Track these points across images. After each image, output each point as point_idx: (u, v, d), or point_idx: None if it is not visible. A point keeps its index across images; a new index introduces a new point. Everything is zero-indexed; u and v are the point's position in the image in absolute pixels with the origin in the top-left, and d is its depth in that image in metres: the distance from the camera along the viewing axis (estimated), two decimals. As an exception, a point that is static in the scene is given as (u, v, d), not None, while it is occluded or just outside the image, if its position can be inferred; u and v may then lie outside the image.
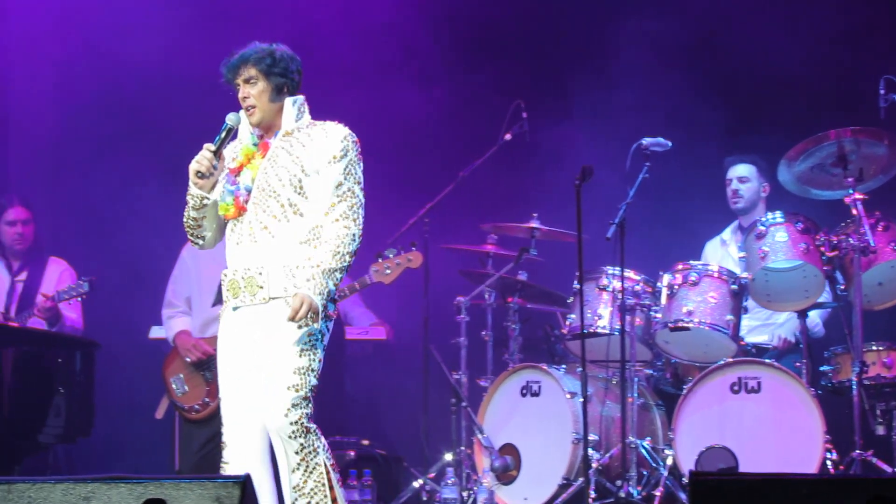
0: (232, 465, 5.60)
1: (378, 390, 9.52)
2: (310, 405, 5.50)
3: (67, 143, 9.93)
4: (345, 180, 5.59)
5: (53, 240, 9.18)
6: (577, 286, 7.70)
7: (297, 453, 5.50)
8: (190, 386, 7.46)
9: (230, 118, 5.63)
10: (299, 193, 5.56)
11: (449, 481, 7.82)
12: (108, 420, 8.53)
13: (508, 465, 7.77)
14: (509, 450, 7.82)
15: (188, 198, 5.70)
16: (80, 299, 8.23)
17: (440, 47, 9.77)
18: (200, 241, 5.84)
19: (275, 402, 5.49)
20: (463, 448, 8.03)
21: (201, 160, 5.59)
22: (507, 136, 8.44)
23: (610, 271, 7.76)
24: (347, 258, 5.55)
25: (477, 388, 8.14)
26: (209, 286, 7.47)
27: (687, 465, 7.34)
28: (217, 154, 5.60)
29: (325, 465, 5.55)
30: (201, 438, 7.49)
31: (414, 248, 7.17)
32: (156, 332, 8.62)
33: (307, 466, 5.52)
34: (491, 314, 8.23)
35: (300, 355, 5.50)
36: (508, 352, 8.18)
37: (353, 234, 5.56)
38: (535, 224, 8.15)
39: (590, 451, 7.47)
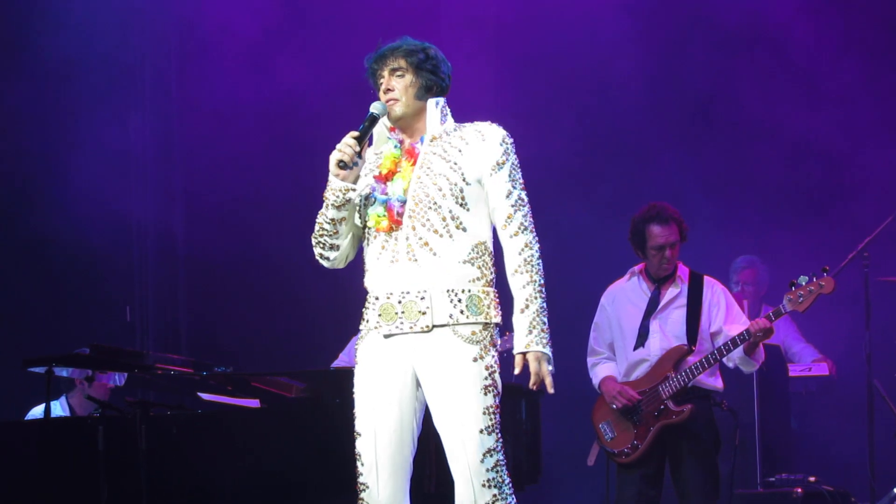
0: None
1: (823, 426, 9.44)
2: (503, 451, 4.97)
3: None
4: (513, 188, 5.04)
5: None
6: None
7: None
8: (618, 430, 7.44)
9: (375, 107, 5.10)
10: (461, 205, 5.01)
11: (897, 514, 7.73)
12: (548, 467, 8.75)
13: (957, 497, 7.61)
14: (957, 481, 7.67)
15: (327, 194, 5.10)
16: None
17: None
18: (332, 254, 5.20)
19: (467, 447, 4.93)
20: (911, 481, 7.93)
21: (344, 148, 5.02)
22: (945, 165, 8.33)
23: None
24: (542, 281, 5.03)
25: (923, 420, 8.04)
26: (630, 330, 7.52)
27: None
28: (360, 143, 5.05)
29: None
30: (636, 482, 7.46)
31: (825, 274, 7.15)
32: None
33: None
34: (932, 345, 8.13)
35: (485, 393, 4.94)
36: (953, 382, 8.03)
37: (537, 251, 5.04)
38: (974, 252, 8.00)
39: None
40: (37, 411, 8.40)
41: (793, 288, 7.18)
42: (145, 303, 10.01)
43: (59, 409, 8.43)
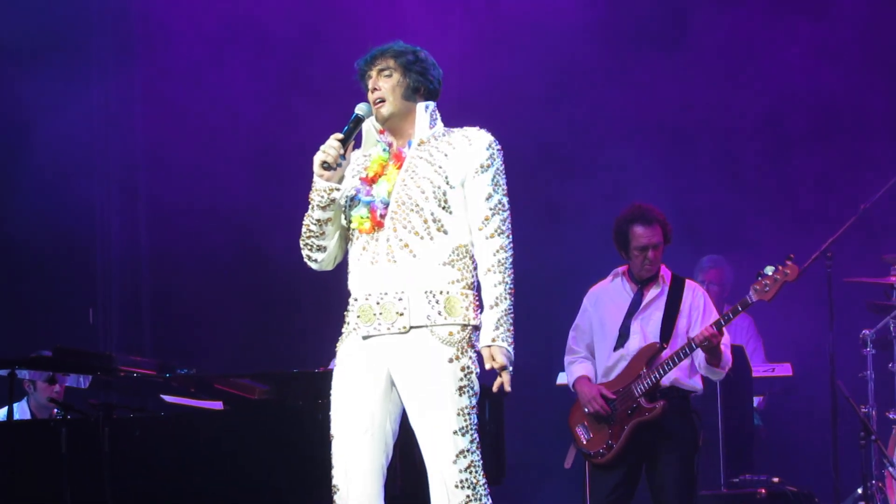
0: None
1: (786, 427, 9.48)
2: (479, 452, 4.98)
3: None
4: (494, 192, 5.05)
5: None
6: None
7: None
8: (594, 431, 7.40)
9: (360, 107, 5.13)
10: (444, 208, 5.02)
11: (860, 514, 7.76)
12: (522, 470, 8.72)
13: (921, 498, 7.63)
14: (921, 482, 7.69)
15: (312, 195, 5.08)
16: None
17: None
18: (320, 256, 5.18)
19: (440, 448, 4.95)
20: (874, 482, 7.93)
21: (328, 149, 5.01)
22: (908, 166, 8.36)
23: None
24: (512, 285, 5.04)
25: (886, 421, 8.04)
26: (611, 331, 7.50)
27: None
28: (344, 144, 5.05)
29: None
30: (610, 483, 7.38)
31: (790, 262, 7.16)
32: (562, 379, 8.65)
33: None
34: (897, 346, 8.13)
35: (460, 394, 4.96)
36: (917, 383, 8.05)
37: (510, 256, 5.04)
38: (938, 253, 8.03)
39: None
40: (-1, 414, 8.35)
41: (759, 278, 7.19)
42: (108, 305, 9.98)
43: (17, 412, 8.37)
